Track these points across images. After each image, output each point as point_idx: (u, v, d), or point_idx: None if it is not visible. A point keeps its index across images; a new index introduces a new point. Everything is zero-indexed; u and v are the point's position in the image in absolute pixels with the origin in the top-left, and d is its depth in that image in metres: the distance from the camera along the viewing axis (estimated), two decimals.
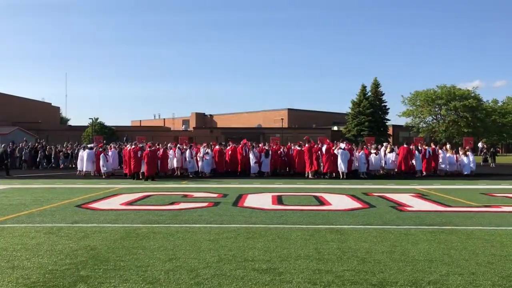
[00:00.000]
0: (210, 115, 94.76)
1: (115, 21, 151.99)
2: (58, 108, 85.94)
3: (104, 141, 29.03)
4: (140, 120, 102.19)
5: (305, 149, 21.17)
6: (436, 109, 62.24)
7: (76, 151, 27.25)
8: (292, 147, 23.10)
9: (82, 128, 63.24)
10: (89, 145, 23.53)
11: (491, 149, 35.16)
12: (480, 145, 24.32)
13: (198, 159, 21.47)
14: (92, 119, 62.02)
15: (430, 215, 9.46)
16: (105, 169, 21.01)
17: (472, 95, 60.93)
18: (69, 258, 5.80)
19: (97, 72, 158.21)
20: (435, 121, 63.06)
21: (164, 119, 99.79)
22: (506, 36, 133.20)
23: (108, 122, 69.38)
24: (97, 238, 7.01)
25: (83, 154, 22.29)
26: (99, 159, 21.23)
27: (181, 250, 6.20)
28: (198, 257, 5.86)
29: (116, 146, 23.31)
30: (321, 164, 20.76)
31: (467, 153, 22.63)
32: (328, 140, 23.45)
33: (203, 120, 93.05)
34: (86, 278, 4.96)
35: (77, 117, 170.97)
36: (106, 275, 5.07)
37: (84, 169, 22.04)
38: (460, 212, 9.96)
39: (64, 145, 30.81)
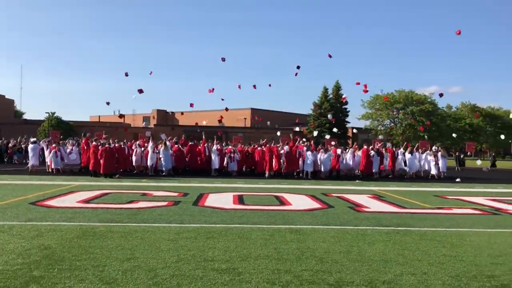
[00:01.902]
0: (172, 112, 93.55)
1: (74, 13, 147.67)
2: (13, 101, 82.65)
3: (61, 136, 28.17)
4: (99, 116, 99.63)
5: (266, 149, 21.34)
6: (394, 113, 64.10)
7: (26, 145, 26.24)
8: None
9: (38, 123, 61.08)
10: (31, 139, 22.61)
11: (458, 154, 36.78)
12: (434, 148, 25.15)
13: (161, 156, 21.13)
14: (48, 113, 60.02)
15: (386, 216, 9.74)
16: (53, 165, 20.27)
17: (428, 100, 63.14)
18: (21, 258, 5.60)
19: (55, 65, 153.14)
20: (393, 124, 64.91)
21: (124, 115, 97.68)
22: (462, 43, 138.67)
23: (66, 117, 67.26)
24: (52, 237, 6.81)
25: (28, 149, 21.59)
26: (55, 155, 20.52)
27: (139, 250, 6.12)
28: (156, 257, 5.79)
29: (74, 142, 22.56)
30: (283, 164, 21.05)
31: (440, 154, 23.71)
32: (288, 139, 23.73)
33: (165, 117, 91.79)
34: (39, 278, 4.81)
35: (33, 111, 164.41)
36: (60, 275, 4.94)
37: (30, 164, 21.27)
38: (414, 214, 10.31)
39: (18, 140, 29.67)
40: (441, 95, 44.22)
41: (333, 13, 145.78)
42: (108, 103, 24.30)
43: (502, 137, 35.06)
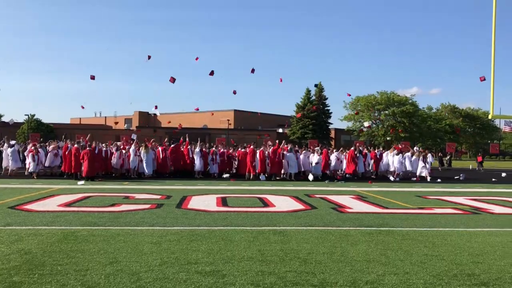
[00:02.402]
0: (154, 114, 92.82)
1: (54, 13, 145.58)
2: None
3: (41, 139, 27.71)
4: (80, 118, 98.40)
5: (249, 151, 21.33)
6: (376, 114, 64.78)
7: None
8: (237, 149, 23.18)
9: (17, 125, 59.99)
10: (11, 142, 22.15)
11: (441, 154, 37.59)
12: (416, 149, 25.55)
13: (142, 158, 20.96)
14: (28, 115, 59.04)
15: (369, 217, 9.83)
16: (32, 169, 19.83)
17: (410, 101, 64.01)
18: (0, 263, 5.49)
19: (34, 66, 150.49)
20: (374, 125, 65.57)
21: (105, 117, 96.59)
22: (443, 46, 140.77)
23: (46, 119, 66.25)
24: (32, 242, 6.70)
25: (8, 152, 21.13)
26: (33, 157, 20.06)
27: (122, 253, 6.06)
28: (140, 260, 5.74)
29: (56, 145, 22.15)
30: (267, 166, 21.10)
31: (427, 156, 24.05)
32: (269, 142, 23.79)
33: (147, 119, 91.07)
34: (20, 284, 4.73)
35: (11, 113, 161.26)
36: (41, 280, 4.86)
37: (10, 168, 20.83)
38: (396, 214, 10.43)
39: None
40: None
41: (314, 14, 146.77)
42: (93, 77, 23.16)
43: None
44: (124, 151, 21.24)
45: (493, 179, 24.47)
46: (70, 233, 7.34)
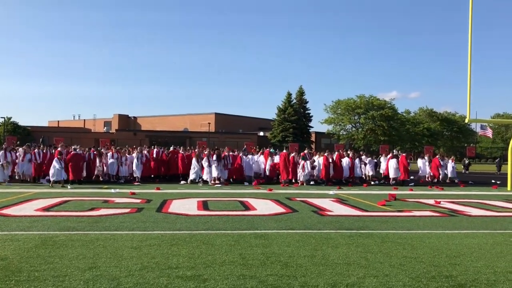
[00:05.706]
0: (134, 117, 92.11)
1: (28, 14, 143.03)
2: None
3: (18, 142, 27.17)
4: (58, 121, 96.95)
5: (281, 156, 21.40)
6: (356, 118, 65.41)
7: None
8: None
9: None
10: None
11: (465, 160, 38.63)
12: (395, 152, 25.90)
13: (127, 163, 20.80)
14: (4, 118, 57.88)
15: (349, 220, 9.92)
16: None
17: (388, 105, 64.85)
18: None
19: (11, 67, 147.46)
20: (354, 129, 66.25)
21: (84, 120, 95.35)
22: (423, 50, 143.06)
23: (23, 122, 65.08)
24: (9, 247, 6.56)
25: None
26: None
27: (101, 259, 5.98)
28: (119, 265, 5.68)
29: (29, 149, 21.65)
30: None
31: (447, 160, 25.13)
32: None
33: (127, 122, 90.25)
34: None
35: None
36: (18, 287, 4.76)
37: None
38: (376, 217, 10.55)
39: None
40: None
41: (295, 17, 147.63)
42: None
43: None
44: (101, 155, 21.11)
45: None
46: (48, 238, 7.21)
